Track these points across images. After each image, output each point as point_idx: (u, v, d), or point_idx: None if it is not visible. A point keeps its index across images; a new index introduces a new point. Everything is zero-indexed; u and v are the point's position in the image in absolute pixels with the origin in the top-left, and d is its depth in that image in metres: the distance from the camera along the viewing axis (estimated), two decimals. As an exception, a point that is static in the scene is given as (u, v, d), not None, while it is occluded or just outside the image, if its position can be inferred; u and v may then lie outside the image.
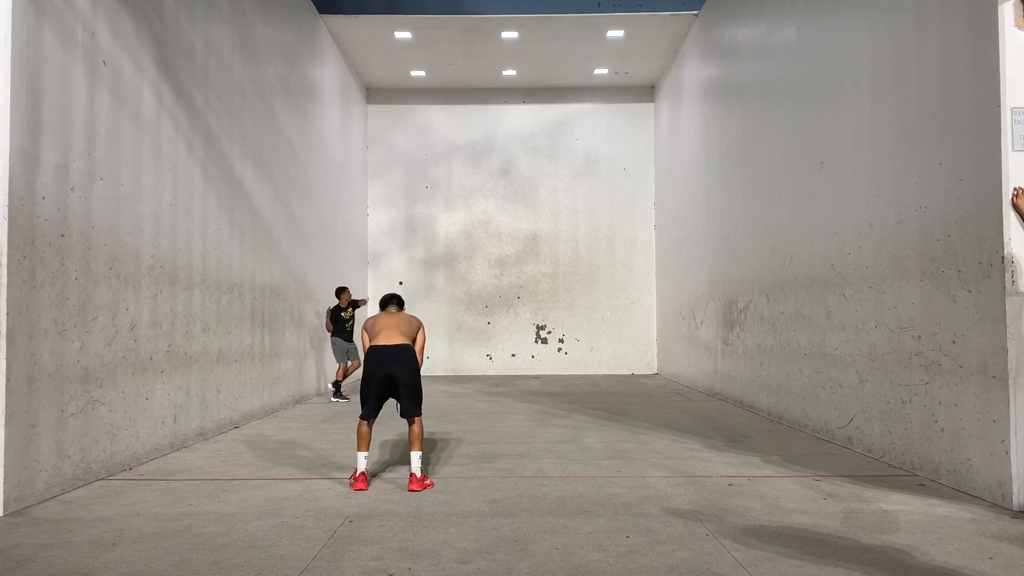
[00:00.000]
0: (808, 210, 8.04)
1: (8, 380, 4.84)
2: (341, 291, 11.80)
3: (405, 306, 6.48)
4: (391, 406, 6.10)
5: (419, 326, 6.06)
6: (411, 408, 5.73)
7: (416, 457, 5.62)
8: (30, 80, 5.14)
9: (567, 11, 13.11)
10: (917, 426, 5.91)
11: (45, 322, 5.23)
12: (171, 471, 6.25)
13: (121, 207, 6.30)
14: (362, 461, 5.60)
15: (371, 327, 5.95)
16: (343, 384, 12.14)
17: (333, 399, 11.45)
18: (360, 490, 5.50)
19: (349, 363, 11.71)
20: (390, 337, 5.82)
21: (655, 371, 16.94)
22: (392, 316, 6.03)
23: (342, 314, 11.69)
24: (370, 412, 5.71)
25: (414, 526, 4.58)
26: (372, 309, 15.92)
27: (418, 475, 5.56)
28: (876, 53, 6.55)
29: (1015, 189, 4.87)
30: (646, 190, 17.20)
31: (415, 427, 5.71)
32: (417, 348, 5.95)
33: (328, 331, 11.92)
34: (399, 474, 6.08)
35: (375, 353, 5.73)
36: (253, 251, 9.42)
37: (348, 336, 11.73)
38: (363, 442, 5.66)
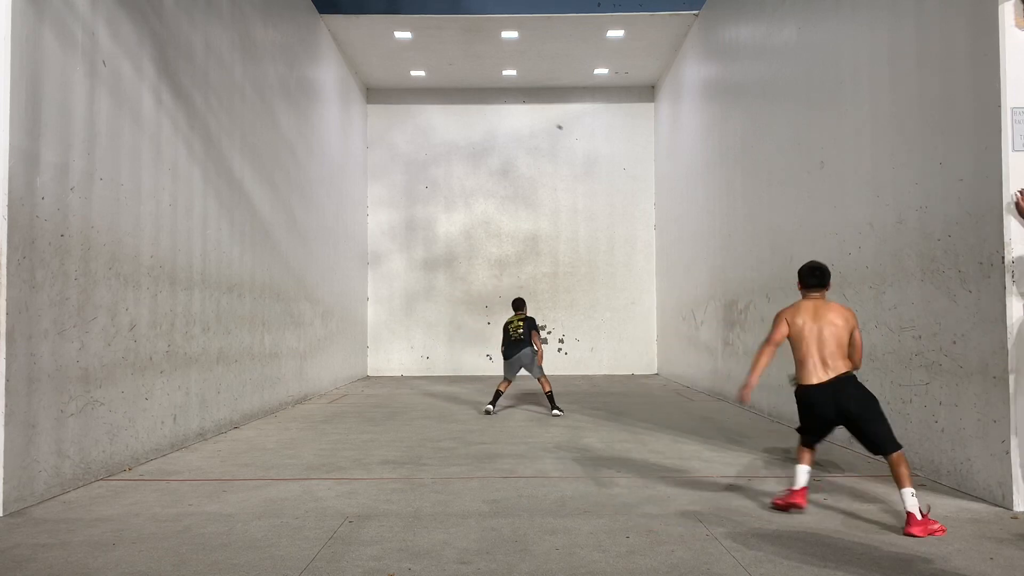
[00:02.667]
0: (808, 210, 8.04)
1: (8, 380, 4.83)
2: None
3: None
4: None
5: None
6: None
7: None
8: (30, 80, 5.14)
9: (567, 11, 13.11)
10: (917, 426, 5.91)
11: (45, 322, 5.23)
12: (171, 471, 6.25)
13: (121, 207, 6.30)
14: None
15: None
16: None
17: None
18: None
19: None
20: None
21: (655, 371, 16.93)
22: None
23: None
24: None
25: (414, 526, 4.57)
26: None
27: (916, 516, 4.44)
28: (876, 53, 6.54)
29: (1015, 194, 4.86)
30: (646, 190, 17.19)
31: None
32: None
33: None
34: (399, 474, 6.09)
35: None
36: (253, 251, 9.41)
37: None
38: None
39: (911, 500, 4.42)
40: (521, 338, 10.00)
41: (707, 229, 12.40)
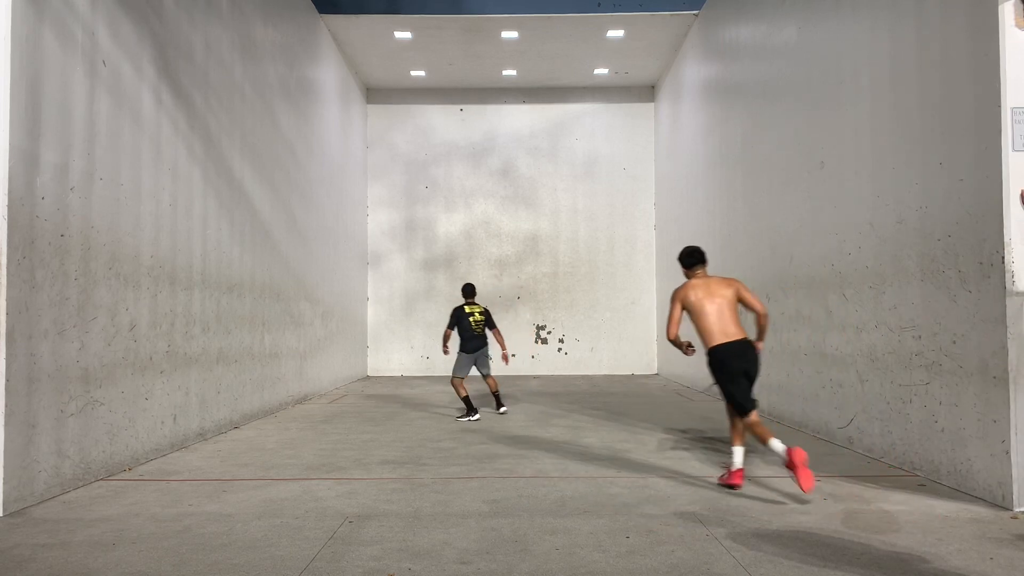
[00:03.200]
0: (808, 210, 8.04)
1: (8, 380, 4.83)
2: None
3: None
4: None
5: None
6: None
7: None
8: (30, 80, 5.14)
9: (567, 11, 13.11)
10: (917, 426, 5.90)
11: (45, 322, 5.23)
12: (171, 471, 6.25)
13: (121, 207, 6.30)
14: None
15: None
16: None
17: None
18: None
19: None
20: None
21: (655, 371, 16.93)
22: None
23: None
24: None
25: (414, 526, 4.57)
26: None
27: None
28: (876, 53, 6.54)
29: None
30: (646, 190, 17.19)
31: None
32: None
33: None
34: (399, 474, 6.09)
35: None
36: (253, 251, 9.41)
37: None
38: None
39: (780, 445, 5.16)
40: (482, 332, 9.45)
41: (707, 229, 12.39)
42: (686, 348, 5.77)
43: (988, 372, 5.04)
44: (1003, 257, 4.90)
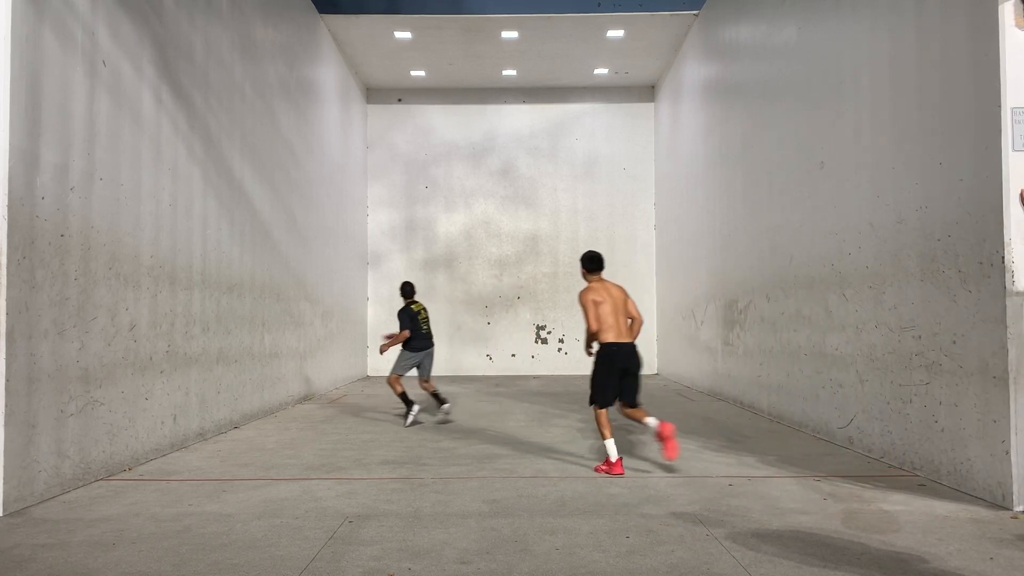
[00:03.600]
0: (808, 210, 8.04)
1: (8, 380, 4.83)
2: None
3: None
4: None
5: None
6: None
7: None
8: (30, 80, 5.14)
9: (567, 11, 13.11)
10: (917, 426, 5.90)
11: (45, 322, 5.23)
12: (171, 471, 6.25)
13: (121, 207, 6.30)
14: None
15: None
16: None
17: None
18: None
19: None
20: None
21: (655, 371, 16.93)
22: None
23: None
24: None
25: (414, 526, 4.57)
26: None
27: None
28: (876, 53, 6.54)
29: None
30: (646, 190, 17.19)
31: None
32: None
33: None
34: (399, 474, 6.09)
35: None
36: (253, 251, 9.42)
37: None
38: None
39: (655, 421, 6.22)
40: (431, 332, 9.25)
41: (707, 229, 12.40)
42: (588, 346, 6.54)
43: (988, 372, 5.04)
44: (1003, 257, 4.90)
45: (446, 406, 9.11)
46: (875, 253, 6.56)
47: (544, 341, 17.09)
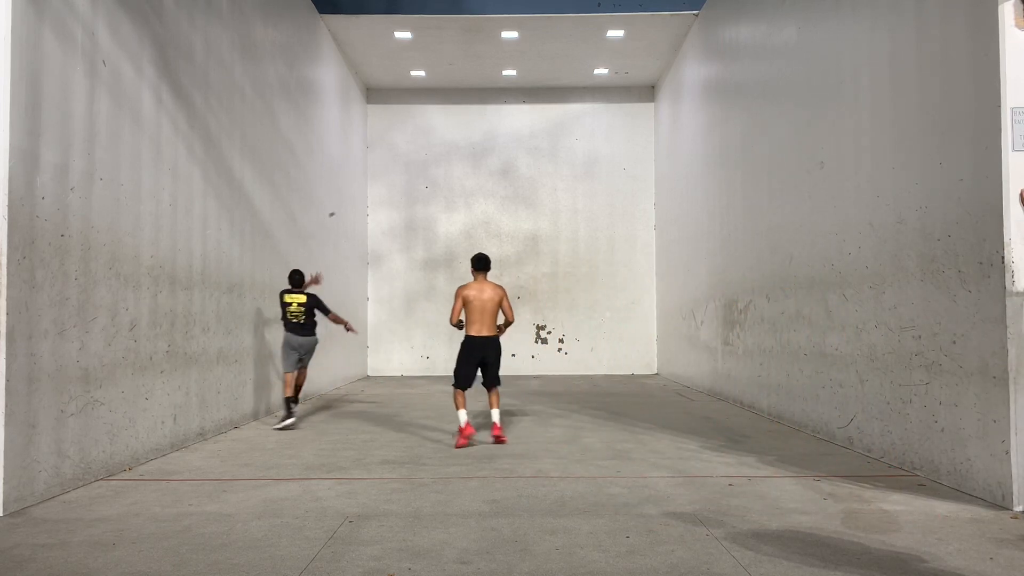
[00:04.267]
0: (808, 210, 8.04)
1: (8, 380, 4.83)
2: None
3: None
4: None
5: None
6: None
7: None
8: (30, 80, 5.14)
9: (567, 11, 13.11)
10: (917, 426, 5.91)
11: (45, 322, 5.23)
12: (171, 471, 6.25)
13: (121, 207, 6.30)
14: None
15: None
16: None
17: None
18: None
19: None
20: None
21: (655, 371, 16.93)
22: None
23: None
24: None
25: (414, 526, 4.57)
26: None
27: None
28: (876, 53, 6.54)
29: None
30: (646, 190, 17.19)
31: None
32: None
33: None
34: (399, 474, 6.09)
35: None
36: (253, 251, 9.41)
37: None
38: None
39: (496, 416, 7.57)
40: (303, 322, 8.67)
41: (707, 229, 12.40)
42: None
43: (988, 372, 5.04)
44: (1003, 257, 4.90)
45: (292, 419, 8.47)
46: (875, 253, 6.56)
47: (544, 341, 17.09)
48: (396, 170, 17.25)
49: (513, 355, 17.00)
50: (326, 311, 9.07)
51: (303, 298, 8.88)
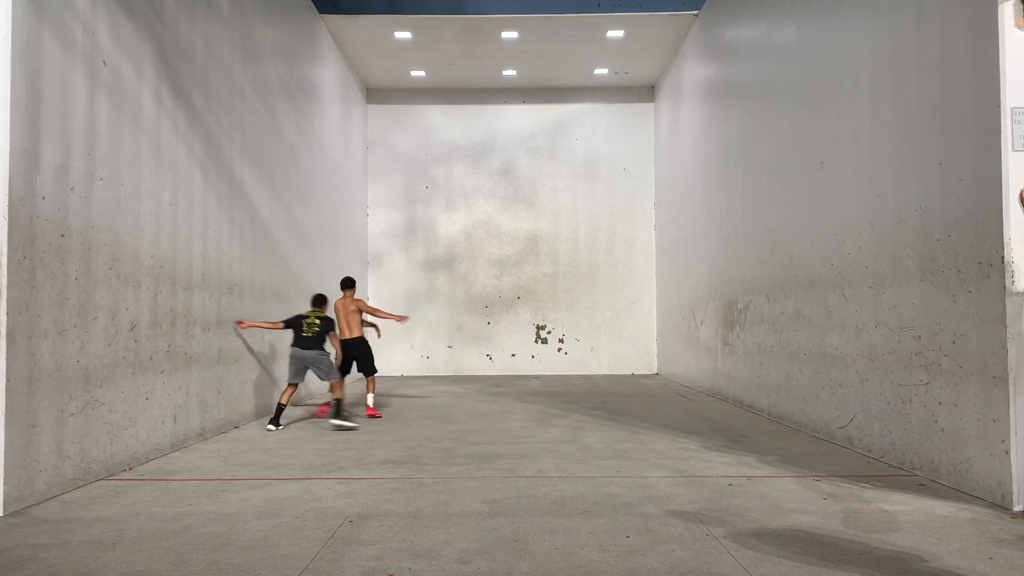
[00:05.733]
0: (808, 210, 8.04)
1: (8, 380, 4.84)
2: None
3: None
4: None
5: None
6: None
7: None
8: (30, 80, 5.14)
9: (567, 11, 13.11)
10: (917, 426, 5.91)
11: (45, 322, 5.23)
12: (171, 471, 6.25)
13: (121, 207, 6.31)
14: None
15: None
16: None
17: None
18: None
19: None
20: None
21: (655, 371, 16.93)
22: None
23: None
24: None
25: (414, 526, 4.58)
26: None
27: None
28: (876, 53, 6.55)
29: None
30: (646, 190, 17.19)
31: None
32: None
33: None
34: (399, 474, 6.09)
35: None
36: (253, 251, 9.42)
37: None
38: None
39: (371, 400, 9.73)
40: (313, 336, 8.91)
41: (707, 229, 12.40)
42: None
43: (988, 372, 5.04)
44: (1003, 257, 4.91)
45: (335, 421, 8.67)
46: (875, 253, 6.57)
47: (544, 341, 17.09)
48: (396, 170, 17.25)
49: (513, 355, 17.01)
50: (331, 330, 9.23)
51: (318, 320, 9.04)
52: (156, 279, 6.86)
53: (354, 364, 9.80)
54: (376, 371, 9.83)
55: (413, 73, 16.06)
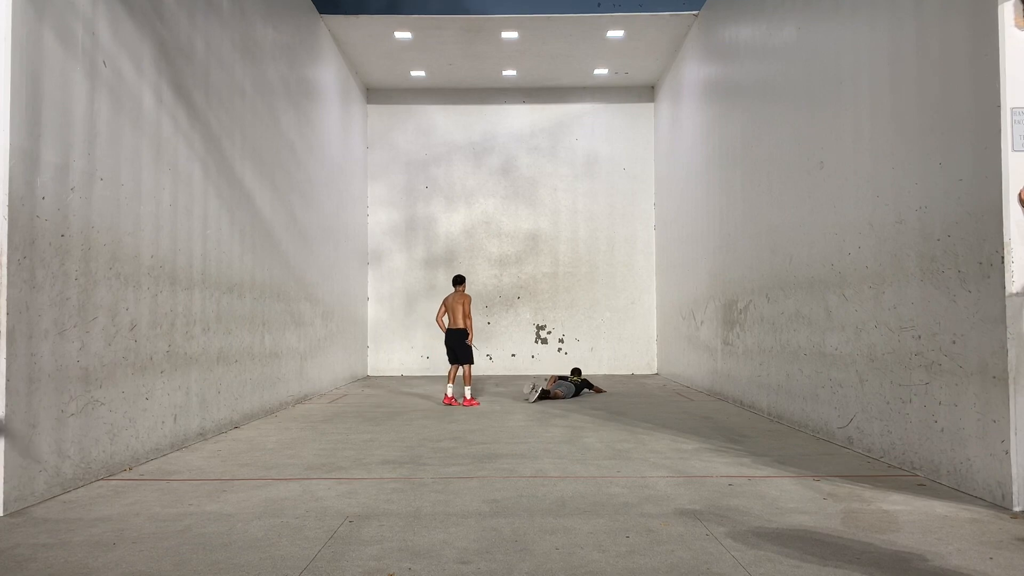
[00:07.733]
0: (808, 210, 8.04)
1: (8, 380, 4.84)
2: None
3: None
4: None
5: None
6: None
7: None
8: (30, 80, 5.14)
9: (567, 11, 13.11)
10: (917, 426, 5.91)
11: (45, 322, 5.23)
12: (171, 471, 6.25)
13: (121, 207, 6.31)
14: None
15: None
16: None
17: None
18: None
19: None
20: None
21: (655, 371, 16.93)
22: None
23: None
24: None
25: (414, 526, 4.58)
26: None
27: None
28: (876, 53, 6.55)
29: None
30: (646, 190, 17.20)
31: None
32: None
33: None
34: (399, 474, 6.09)
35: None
36: (253, 251, 9.42)
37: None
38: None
39: (469, 390, 10.89)
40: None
41: (707, 229, 12.40)
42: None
43: (988, 372, 5.04)
44: (1003, 257, 4.91)
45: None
46: (875, 253, 6.57)
47: (544, 341, 17.09)
48: (396, 169, 17.25)
49: (513, 355, 17.01)
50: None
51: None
52: (156, 279, 6.86)
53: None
54: (473, 362, 11.14)
55: (413, 73, 16.06)
